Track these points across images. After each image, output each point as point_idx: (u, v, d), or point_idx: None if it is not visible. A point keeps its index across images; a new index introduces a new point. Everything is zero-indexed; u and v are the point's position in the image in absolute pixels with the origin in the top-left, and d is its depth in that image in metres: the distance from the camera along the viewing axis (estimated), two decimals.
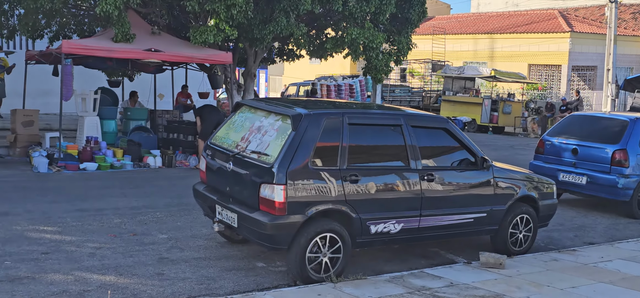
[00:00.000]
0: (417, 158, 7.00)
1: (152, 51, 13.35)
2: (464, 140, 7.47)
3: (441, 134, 7.41)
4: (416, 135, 7.10)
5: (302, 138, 6.34)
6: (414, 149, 6.99)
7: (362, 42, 15.29)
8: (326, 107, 7.29)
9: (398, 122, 7.02)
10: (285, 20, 14.22)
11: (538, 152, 11.72)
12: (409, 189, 6.91)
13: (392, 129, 7.00)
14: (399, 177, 6.85)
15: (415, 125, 7.13)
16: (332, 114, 6.67)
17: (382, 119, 7.05)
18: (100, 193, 10.25)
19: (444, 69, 32.29)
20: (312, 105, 7.11)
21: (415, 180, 6.94)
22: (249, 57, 16.86)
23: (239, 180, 6.67)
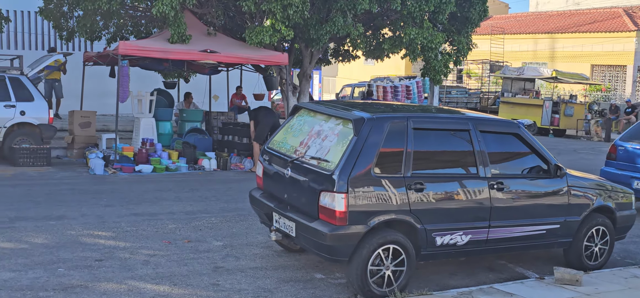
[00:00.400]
0: (486, 166, 6.56)
1: (207, 52, 13.20)
2: (536, 146, 6.99)
3: (511, 139, 6.95)
4: (485, 140, 6.66)
5: (365, 143, 5.99)
6: (482, 155, 6.56)
7: (420, 42, 14.83)
8: (388, 110, 6.92)
9: (466, 127, 6.60)
10: (342, 20, 13.88)
11: (610, 158, 11.07)
12: (478, 198, 6.48)
13: (459, 134, 6.59)
14: (466, 185, 6.43)
15: (484, 130, 6.70)
16: (396, 118, 6.30)
17: (449, 123, 6.64)
18: (155, 197, 10.10)
19: (503, 70, 31.45)
20: (374, 109, 6.75)
21: (484, 188, 6.51)
22: (305, 57, 16.59)
23: (297, 188, 6.35)
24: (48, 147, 12.85)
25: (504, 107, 29.46)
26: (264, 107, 13.99)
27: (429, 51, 15.41)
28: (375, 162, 5.99)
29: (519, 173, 6.94)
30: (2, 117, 12.64)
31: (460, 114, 7.07)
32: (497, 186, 6.56)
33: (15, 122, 12.78)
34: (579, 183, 7.26)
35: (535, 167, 7.03)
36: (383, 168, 6.05)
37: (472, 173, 6.52)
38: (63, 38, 16.15)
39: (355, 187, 5.86)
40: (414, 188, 6.11)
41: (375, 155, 5.99)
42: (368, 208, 5.93)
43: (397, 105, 7.61)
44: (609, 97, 32.45)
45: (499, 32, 36.90)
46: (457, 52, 16.55)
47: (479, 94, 32.70)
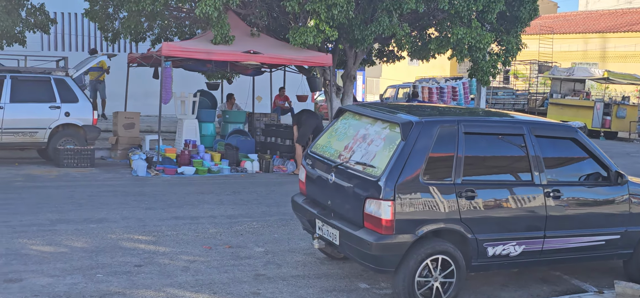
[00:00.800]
0: (541, 172, 6.20)
1: (250, 53, 13.04)
2: (594, 152, 6.59)
3: (569, 144, 6.56)
4: (540, 146, 6.30)
5: (413, 148, 5.69)
6: (537, 161, 6.20)
7: (468, 42, 14.43)
8: (437, 113, 6.60)
9: (520, 131, 6.24)
10: (388, 20, 13.58)
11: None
12: (532, 207, 6.13)
13: (513, 138, 6.23)
14: (520, 192, 6.08)
15: (539, 135, 6.33)
16: (446, 121, 5.99)
17: (502, 127, 6.28)
18: (197, 200, 9.95)
19: (552, 70, 30.66)
20: (422, 112, 6.45)
21: (539, 196, 6.15)
22: (349, 58, 16.33)
23: (341, 194, 6.09)
24: (92, 148, 12.85)
25: (553, 109, 28.69)
26: (307, 110, 13.77)
27: (477, 51, 15.00)
28: (424, 168, 5.69)
29: (576, 180, 6.55)
30: (47, 118, 12.68)
31: (514, 118, 6.71)
32: (552, 194, 6.19)
33: (60, 123, 12.81)
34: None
35: (593, 173, 6.63)
36: (432, 174, 5.75)
37: (526, 180, 6.17)
38: (108, 39, 16.22)
39: (403, 194, 5.57)
40: (465, 196, 5.80)
41: (423, 161, 5.69)
42: (416, 217, 5.64)
43: (444, 108, 7.29)
44: None
45: (547, 32, 36.04)
46: (505, 52, 16.06)
47: (527, 95, 31.91)
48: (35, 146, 12.94)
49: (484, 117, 6.61)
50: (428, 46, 15.05)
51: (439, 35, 15.05)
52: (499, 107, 31.90)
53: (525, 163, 6.20)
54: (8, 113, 12.36)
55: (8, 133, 12.39)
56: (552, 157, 6.45)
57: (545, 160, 6.29)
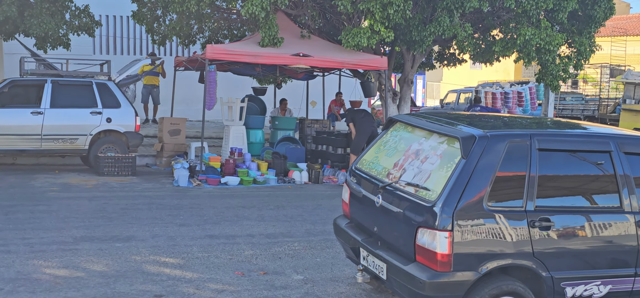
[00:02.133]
0: (633, 195, 5.13)
1: (299, 56, 12.22)
2: None
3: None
4: (631, 164, 5.22)
5: (476, 168, 4.72)
6: (628, 183, 5.14)
7: (536, 43, 13.24)
8: (503, 125, 5.60)
9: (606, 148, 5.18)
10: (449, 20, 12.54)
11: None
12: (621, 238, 5.07)
13: (597, 156, 5.18)
14: (606, 221, 5.02)
15: (630, 152, 5.26)
16: (516, 135, 4.98)
17: (584, 142, 5.22)
18: (236, 215, 9.16)
19: (625, 74, 28.80)
20: (486, 124, 5.47)
21: (630, 225, 5.08)
22: (406, 61, 15.32)
23: (389, 220, 5.17)
24: (133, 155, 12.26)
25: (626, 115, 26.88)
26: (363, 110, 12.85)
27: (546, 54, 13.78)
28: (489, 191, 4.71)
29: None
30: (88, 124, 12.16)
31: (598, 131, 5.65)
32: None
33: (102, 129, 12.27)
34: None
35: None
36: (499, 199, 4.77)
37: (613, 206, 5.11)
38: (156, 42, 15.67)
39: (463, 223, 4.61)
40: (539, 226, 4.79)
41: (488, 183, 4.72)
42: (479, 250, 4.67)
43: (510, 118, 6.24)
44: None
45: (620, 34, 34.11)
46: (577, 54, 14.77)
47: (598, 101, 30.12)
48: (76, 153, 12.45)
49: (561, 129, 5.56)
50: (492, 48, 13.89)
51: (504, 37, 13.89)
52: (567, 113, 30.22)
53: (612, 185, 5.14)
54: (48, 118, 11.88)
55: (48, 139, 11.91)
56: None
57: (637, 182, 5.22)
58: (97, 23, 14.78)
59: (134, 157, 12.23)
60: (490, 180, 4.73)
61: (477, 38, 14.49)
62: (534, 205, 4.83)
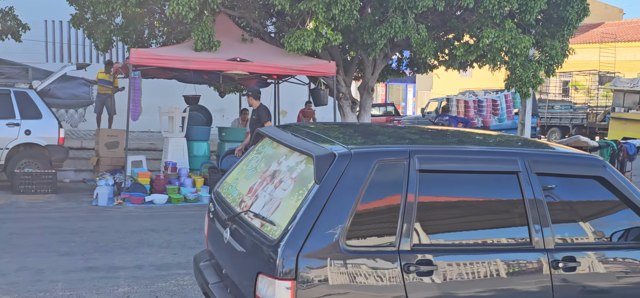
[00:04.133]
0: (546, 228, 4.02)
1: (236, 61, 11.13)
2: (634, 197, 4.34)
3: (592, 186, 4.34)
4: (546, 189, 4.12)
5: (332, 195, 3.61)
6: (541, 211, 4.02)
7: (500, 46, 12.14)
8: (383, 139, 4.49)
9: (513, 167, 4.05)
10: (401, 21, 11.45)
11: None
12: (530, 283, 3.94)
13: (501, 178, 4.07)
14: (510, 261, 3.90)
15: (543, 172, 4.14)
16: (389, 152, 3.86)
17: (482, 160, 4.09)
18: (139, 241, 8.05)
19: (614, 81, 27.75)
20: (359, 138, 4.38)
21: (542, 265, 3.96)
22: (366, 67, 14.26)
23: (235, 261, 4.07)
24: (53, 171, 11.16)
25: (615, 124, 25.82)
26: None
27: (513, 58, 12.69)
28: (349, 226, 3.60)
29: (604, 242, 4.31)
30: (4, 137, 11.07)
31: (504, 144, 4.55)
32: (563, 263, 3.99)
33: (20, 143, 11.18)
34: None
35: (634, 229, 4.38)
36: (362, 235, 3.65)
37: (520, 241, 4.00)
38: (99, 48, 14.58)
39: (312, 269, 3.51)
40: (416, 270, 3.66)
41: (348, 215, 3.60)
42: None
43: (405, 130, 5.03)
44: None
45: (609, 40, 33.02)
46: (549, 59, 13.66)
47: (586, 109, 28.99)
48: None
49: (455, 145, 4.42)
50: (454, 52, 12.79)
51: (467, 40, 12.79)
52: (555, 122, 29.09)
53: (519, 215, 4.03)
54: None
55: None
56: (566, 207, 4.28)
57: (553, 211, 4.12)
58: (24, 26, 13.70)
59: (54, 173, 11.13)
60: (351, 211, 3.62)
61: (441, 41, 13.40)
62: (411, 243, 3.71)
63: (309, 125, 4.91)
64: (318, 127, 4.80)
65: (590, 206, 4.42)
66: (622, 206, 4.36)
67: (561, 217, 4.22)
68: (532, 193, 4.04)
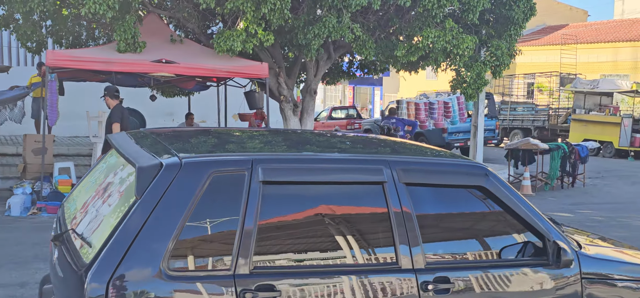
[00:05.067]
0: (416, 246, 3.56)
1: (162, 62, 10.59)
2: (519, 209, 3.88)
3: (471, 197, 3.89)
4: (417, 200, 3.66)
5: (155, 212, 3.12)
6: (409, 228, 3.56)
7: (442, 47, 11.75)
8: (234, 147, 3.99)
9: (377, 177, 3.59)
10: (336, 21, 11.00)
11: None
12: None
13: (364, 189, 3.60)
14: (373, 285, 3.43)
15: (413, 182, 3.67)
16: (226, 162, 3.37)
17: (342, 170, 3.60)
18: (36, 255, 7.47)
19: (574, 83, 27.62)
20: (208, 146, 3.89)
21: (411, 289, 3.50)
22: (309, 69, 13.79)
23: (58, 286, 3.55)
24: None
25: (576, 126, 25.69)
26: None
27: (456, 58, 12.32)
28: (174, 247, 3.11)
29: (485, 260, 3.85)
30: None
31: (371, 151, 4.08)
32: (434, 285, 3.53)
33: None
34: (608, 272, 4.08)
35: (523, 245, 3.93)
36: (191, 259, 3.17)
37: (385, 261, 3.54)
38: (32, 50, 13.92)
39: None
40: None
41: (173, 235, 3.11)
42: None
43: (280, 136, 4.50)
44: None
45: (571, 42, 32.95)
46: (495, 60, 13.30)
47: (548, 111, 28.82)
48: None
49: (306, 154, 3.90)
50: (395, 53, 12.36)
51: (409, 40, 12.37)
52: (517, 124, 28.88)
53: (385, 232, 3.56)
54: None
55: None
56: (442, 222, 3.83)
57: (426, 226, 3.66)
58: None
59: None
60: (177, 229, 3.12)
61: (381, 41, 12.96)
62: (251, 266, 3.23)
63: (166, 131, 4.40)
64: (178, 133, 4.30)
65: (471, 220, 3.98)
66: (509, 220, 3.92)
67: (435, 232, 3.77)
68: (400, 207, 3.57)
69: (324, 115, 31.47)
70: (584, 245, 4.21)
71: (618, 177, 18.31)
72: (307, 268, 3.38)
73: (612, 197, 14.37)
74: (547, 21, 40.22)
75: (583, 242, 4.35)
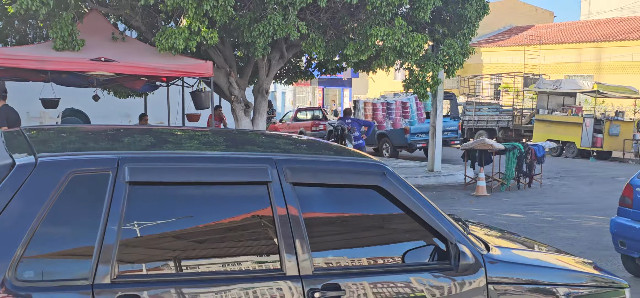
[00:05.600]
0: (305, 252, 3.31)
1: (101, 61, 10.24)
2: (418, 210, 3.65)
3: (368, 197, 3.65)
4: (306, 202, 3.42)
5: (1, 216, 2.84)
6: (296, 231, 3.31)
7: (392, 46, 11.55)
8: (98, 143, 3.67)
9: (261, 177, 3.34)
10: (281, 18, 10.74)
11: (624, 204, 7.55)
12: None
13: (245, 190, 3.35)
14: (254, 293, 3.18)
15: (303, 182, 3.43)
16: (88, 161, 3.09)
17: (220, 170, 3.30)
18: None
19: (537, 83, 27.69)
20: (66, 143, 3.62)
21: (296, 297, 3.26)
22: (260, 68, 13.52)
23: None
24: None
25: (540, 126, 25.77)
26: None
27: (407, 57, 12.14)
28: (22, 255, 2.83)
29: (382, 265, 3.61)
30: None
31: (255, 147, 3.84)
32: (321, 293, 3.28)
33: None
34: (518, 277, 3.85)
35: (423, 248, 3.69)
36: (44, 268, 2.88)
37: (268, 268, 3.29)
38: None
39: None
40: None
41: (22, 242, 2.83)
42: None
43: (128, 131, 4.10)
44: None
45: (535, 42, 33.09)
46: (448, 59, 13.16)
47: (513, 111, 28.85)
48: None
49: (183, 152, 3.61)
50: (345, 52, 12.15)
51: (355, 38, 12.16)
52: (482, 125, 28.89)
53: (269, 236, 3.32)
54: None
55: None
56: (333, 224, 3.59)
57: (316, 229, 3.42)
58: None
59: None
60: (27, 235, 2.84)
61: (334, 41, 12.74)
62: (113, 275, 2.95)
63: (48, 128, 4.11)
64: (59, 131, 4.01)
65: (370, 222, 3.75)
66: (408, 221, 3.69)
67: (327, 236, 3.53)
68: (285, 208, 3.32)
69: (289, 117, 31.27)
70: (494, 247, 4.00)
71: (577, 177, 18.31)
72: (179, 277, 3.12)
73: (567, 198, 14.30)
74: (514, 22, 40.42)
75: (494, 244, 4.14)
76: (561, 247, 9.09)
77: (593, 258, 8.46)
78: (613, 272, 7.78)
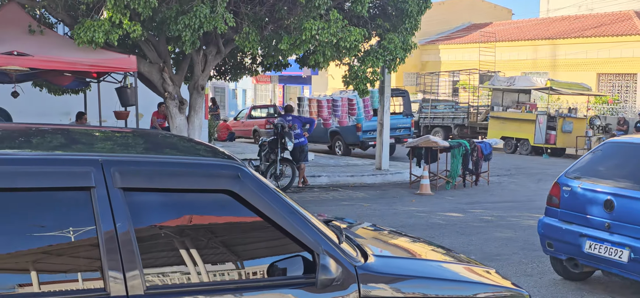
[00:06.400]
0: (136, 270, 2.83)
1: (14, 55, 9.62)
2: (278, 216, 3.19)
3: (221, 203, 3.18)
4: (141, 210, 2.94)
5: None
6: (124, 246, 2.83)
7: (327, 40, 11.11)
8: None
9: (81, 181, 2.85)
10: (208, 10, 10.23)
11: (551, 204, 7.22)
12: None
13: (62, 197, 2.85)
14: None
15: (136, 187, 2.94)
16: None
17: (28, 173, 2.79)
18: None
19: (492, 80, 27.57)
20: None
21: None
22: (196, 64, 12.96)
23: None
24: None
25: (494, 123, 25.64)
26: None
27: (344, 52, 11.72)
28: None
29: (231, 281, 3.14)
30: None
31: (79, 146, 3.35)
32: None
33: None
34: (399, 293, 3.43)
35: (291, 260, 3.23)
36: None
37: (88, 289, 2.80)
38: None
39: None
40: None
41: None
42: None
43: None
44: (617, 110, 28.30)
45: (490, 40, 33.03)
46: (388, 54, 12.76)
47: (468, 109, 28.69)
48: None
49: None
50: (279, 47, 11.66)
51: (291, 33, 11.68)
52: (438, 122, 28.69)
53: (89, 251, 2.83)
54: None
55: None
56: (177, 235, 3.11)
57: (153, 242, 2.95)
58: None
59: None
60: None
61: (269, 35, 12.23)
62: None
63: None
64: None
65: (225, 231, 3.28)
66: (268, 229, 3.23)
67: (167, 250, 3.06)
68: (112, 217, 2.84)
69: (243, 114, 30.77)
70: (374, 257, 3.56)
71: (526, 174, 18.12)
72: None
73: (512, 195, 14.05)
74: (473, 19, 40.40)
75: (380, 252, 3.72)
76: (494, 248, 8.77)
77: (524, 260, 8.15)
78: (542, 274, 7.48)
